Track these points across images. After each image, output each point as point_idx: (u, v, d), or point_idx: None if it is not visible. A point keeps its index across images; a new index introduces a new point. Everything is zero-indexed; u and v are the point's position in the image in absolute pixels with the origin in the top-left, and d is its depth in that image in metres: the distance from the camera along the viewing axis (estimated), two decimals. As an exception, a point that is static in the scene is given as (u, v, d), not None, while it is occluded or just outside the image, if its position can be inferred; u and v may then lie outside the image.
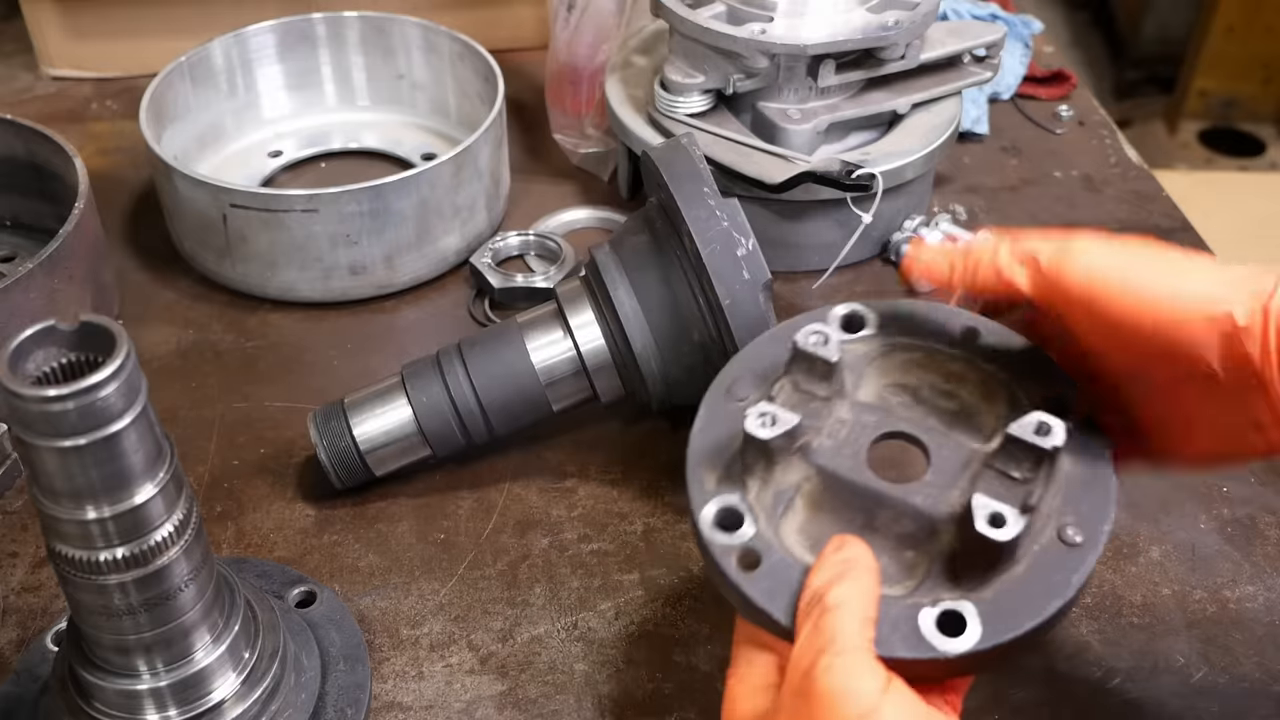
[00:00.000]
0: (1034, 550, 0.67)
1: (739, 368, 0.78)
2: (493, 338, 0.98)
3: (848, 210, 1.14)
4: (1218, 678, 0.87)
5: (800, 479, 0.72)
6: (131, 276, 1.23)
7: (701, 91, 1.17)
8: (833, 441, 0.72)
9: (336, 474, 0.98)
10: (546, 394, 0.97)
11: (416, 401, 0.96)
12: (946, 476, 0.71)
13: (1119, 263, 0.67)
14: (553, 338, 0.97)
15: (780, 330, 0.80)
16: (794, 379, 0.74)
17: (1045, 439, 0.67)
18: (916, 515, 0.70)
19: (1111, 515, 0.69)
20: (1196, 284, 0.65)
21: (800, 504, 0.72)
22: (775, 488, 0.72)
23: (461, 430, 0.97)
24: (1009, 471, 0.69)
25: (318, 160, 1.40)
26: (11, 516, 0.99)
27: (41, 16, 1.50)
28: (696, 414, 0.76)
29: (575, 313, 0.97)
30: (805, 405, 0.73)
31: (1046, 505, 0.69)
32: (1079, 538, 0.68)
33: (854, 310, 0.78)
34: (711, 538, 0.69)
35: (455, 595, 0.93)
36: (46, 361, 0.63)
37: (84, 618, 0.71)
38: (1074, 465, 0.70)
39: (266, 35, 1.35)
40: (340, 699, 0.83)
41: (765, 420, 0.69)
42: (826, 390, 0.73)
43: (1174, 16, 3.43)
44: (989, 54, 1.24)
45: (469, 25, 1.37)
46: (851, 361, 0.76)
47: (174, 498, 0.67)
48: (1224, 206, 2.49)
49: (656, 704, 0.86)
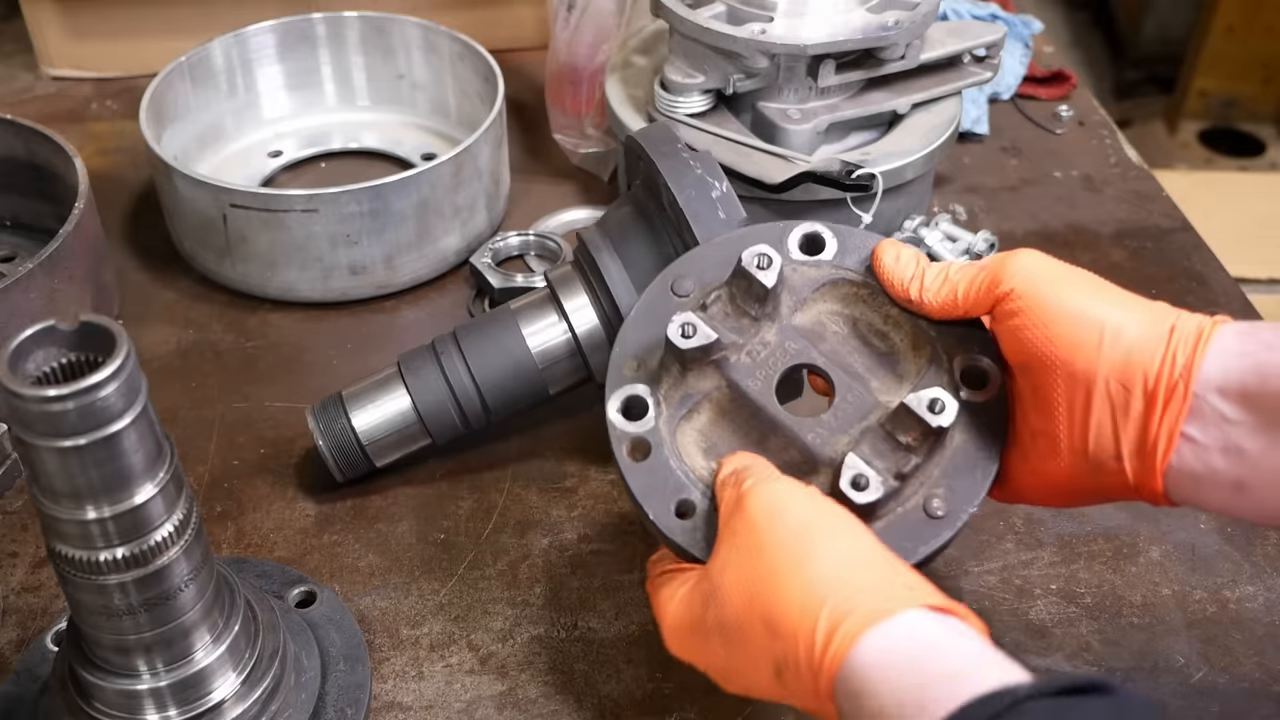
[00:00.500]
0: (897, 511, 0.72)
1: (688, 265, 0.81)
2: (488, 325, 0.99)
3: (848, 210, 1.14)
4: (1218, 678, 0.87)
5: (711, 387, 0.77)
6: (131, 276, 1.23)
7: (701, 91, 1.17)
8: (750, 361, 0.77)
9: (338, 466, 0.98)
10: (543, 377, 0.98)
11: (415, 390, 0.97)
12: (843, 422, 0.75)
13: (1046, 276, 0.72)
14: (547, 321, 0.98)
15: (737, 237, 0.82)
16: (731, 291, 0.77)
17: (936, 416, 0.71)
18: (803, 449, 0.75)
19: (980, 499, 0.73)
20: (1109, 309, 0.70)
21: (707, 408, 0.77)
22: (685, 390, 0.77)
23: (460, 417, 0.98)
24: (896, 435, 0.72)
25: (318, 160, 1.40)
26: (11, 516, 0.99)
27: (41, 16, 1.50)
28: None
29: (568, 295, 0.98)
30: (735, 320, 0.77)
31: (924, 474, 0.73)
32: (941, 512, 0.72)
33: (815, 232, 0.80)
34: (613, 421, 0.76)
35: (455, 595, 0.93)
36: (46, 361, 0.63)
37: (84, 618, 0.71)
38: (965, 441, 0.74)
39: (266, 35, 1.35)
40: (340, 699, 0.83)
41: (686, 329, 0.74)
42: (758, 311, 0.77)
43: (1174, 16, 3.42)
44: (989, 54, 1.24)
45: (469, 25, 1.37)
46: (798, 284, 0.79)
47: (174, 498, 0.68)
48: (1224, 206, 2.48)
49: (656, 704, 0.86)
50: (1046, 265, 0.73)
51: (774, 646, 0.64)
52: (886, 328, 0.79)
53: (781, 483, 0.70)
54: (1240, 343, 0.68)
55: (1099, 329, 0.70)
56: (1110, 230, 1.30)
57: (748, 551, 0.67)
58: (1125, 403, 0.69)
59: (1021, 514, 0.99)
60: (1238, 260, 1.47)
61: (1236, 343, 0.68)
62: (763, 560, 0.66)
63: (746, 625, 0.66)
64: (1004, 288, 0.72)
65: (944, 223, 1.26)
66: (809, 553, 0.65)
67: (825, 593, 0.63)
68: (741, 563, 0.67)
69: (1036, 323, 0.71)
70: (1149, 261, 1.26)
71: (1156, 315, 0.70)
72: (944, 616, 0.62)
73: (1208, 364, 0.67)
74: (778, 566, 0.65)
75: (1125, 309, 0.71)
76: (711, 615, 0.68)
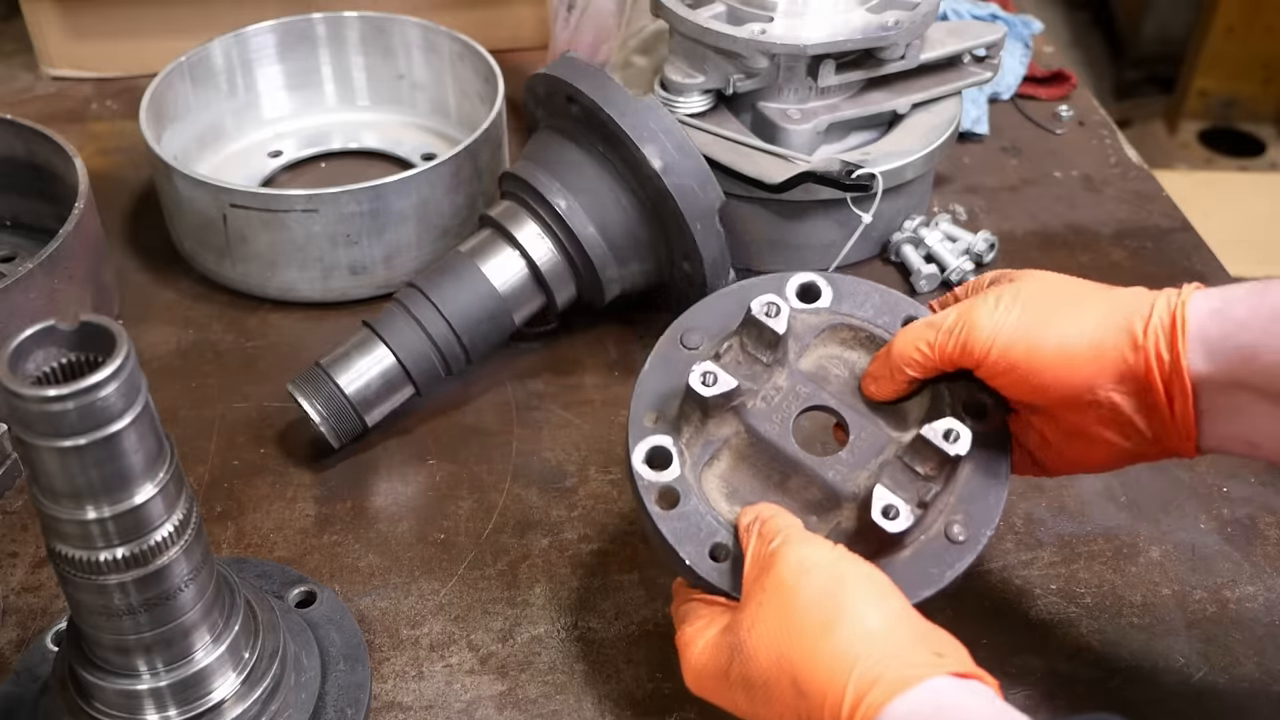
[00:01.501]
0: (921, 539, 0.75)
1: (694, 318, 0.84)
2: (447, 271, 1.06)
3: (848, 210, 1.14)
4: (1218, 678, 0.87)
5: (730, 433, 0.79)
6: (131, 276, 1.23)
7: (701, 91, 1.17)
8: (766, 405, 0.79)
9: (334, 432, 1.01)
10: (509, 309, 1.06)
11: (395, 343, 1.02)
12: (859, 457, 0.78)
13: (1013, 328, 0.74)
14: (504, 255, 1.05)
15: (738, 289, 0.85)
16: (742, 340, 0.80)
17: (952, 445, 0.74)
18: (825, 487, 0.77)
19: (995, 522, 0.76)
20: (1083, 328, 0.73)
21: (726, 454, 0.79)
22: (706, 437, 0.79)
23: (441, 362, 1.03)
24: (914, 466, 0.75)
25: (318, 160, 1.40)
26: (11, 516, 0.99)
27: (41, 16, 1.50)
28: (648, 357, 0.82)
29: (517, 228, 1.06)
30: (749, 367, 0.79)
31: (941, 502, 0.76)
32: (962, 537, 0.75)
33: (811, 282, 0.83)
34: (640, 472, 0.77)
35: (455, 595, 0.93)
36: (46, 361, 0.63)
37: (84, 618, 0.71)
38: (975, 470, 0.77)
39: (266, 35, 1.35)
40: (340, 699, 0.83)
41: (708, 379, 0.77)
42: (769, 357, 0.80)
43: (1174, 16, 3.42)
44: (989, 54, 1.24)
45: (469, 25, 1.37)
46: (800, 330, 0.82)
47: (174, 498, 0.67)
48: (1224, 206, 2.49)
49: (656, 704, 0.86)
50: (1007, 318, 0.74)
51: (800, 705, 0.66)
52: None
53: (809, 544, 0.71)
54: (1218, 324, 0.70)
55: (1084, 357, 0.72)
56: (1110, 230, 1.30)
57: (777, 610, 0.68)
58: (1135, 405, 0.73)
59: (1021, 514, 0.99)
60: (1238, 260, 1.47)
61: (1214, 326, 0.70)
62: (791, 621, 0.67)
63: (773, 682, 0.67)
64: (980, 353, 0.75)
65: (944, 223, 1.26)
66: (838, 616, 0.66)
67: (854, 658, 0.64)
68: (770, 621, 0.68)
69: (1024, 377, 0.74)
70: (1149, 261, 1.26)
71: (1129, 312, 0.73)
72: (968, 682, 0.64)
73: (1191, 352, 0.70)
74: (807, 628, 0.66)
75: (1097, 319, 0.73)
76: (737, 668, 0.69)
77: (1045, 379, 0.73)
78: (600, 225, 1.05)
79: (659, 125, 1.01)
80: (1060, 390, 0.73)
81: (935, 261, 1.22)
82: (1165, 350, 0.71)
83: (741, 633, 0.69)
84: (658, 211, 1.04)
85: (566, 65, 1.05)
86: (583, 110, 1.03)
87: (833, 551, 0.70)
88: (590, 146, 1.04)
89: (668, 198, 1.00)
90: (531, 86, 1.10)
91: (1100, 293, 0.75)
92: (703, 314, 0.84)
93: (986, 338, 0.74)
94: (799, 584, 0.68)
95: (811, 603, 0.67)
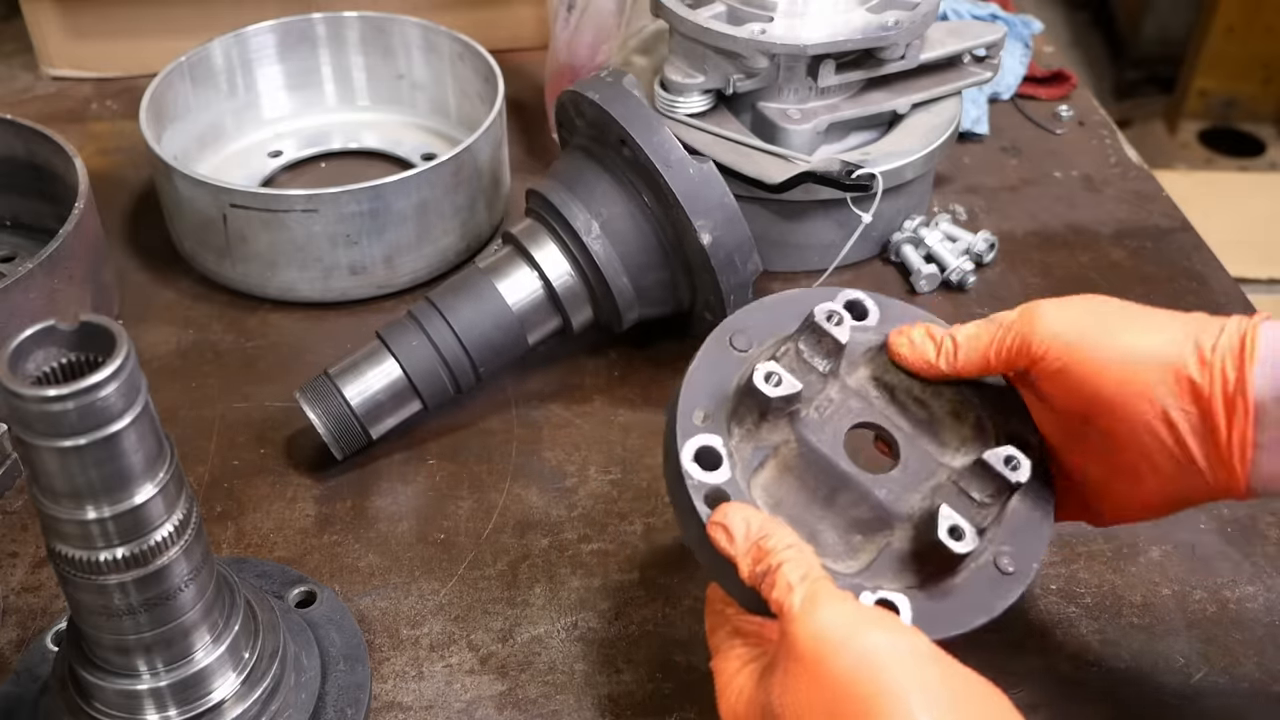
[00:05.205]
0: (972, 569, 0.73)
1: (744, 320, 0.81)
2: (462, 287, 1.04)
3: (848, 210, 1.14)
4: (1218, 678, 0.87)
5: (780, 441, 0.76)
6: (131, 276, 1.23)
7: (701, 91, 1.17)
8: (819, 416, 0.77)
9: (338, 443, 1.00)
10: (524, 328, 1.04)
11: (403, 357, 1.01)
12: (911, 479, 0.76)
13: (1078, 328, 0.73)
14: (520, 274, 1.04)
15: (788, 297, 0.83)
16: (799, 347, 0.77)
17: (1013, 472, 0.72)
18: (876, 506, 0.74)
19: (1042, 555, 0.75)
20: (1150, 339, 0.71)
21: (772, 464, 0.76)
22: (757, 442, 0.76)
23: (449, 377, 1.02)
24: (970, 492, 0.73)
25: (318, 160, 1.40)
26: (11, 516, 0.99)
27: (41, 16, 1.50)
28: (697, 352, 0.79)
29: (536, 247, 1.04)
30: (804, 375, 0.76)
31: (991, 532, 0.74)
32: (1011, 568, 0.73)
33: (860, 300, 0.81)
34: (689, 470, 0.72)
35: (455, 595, 0.93)
36: (46, 361, 0.63)
37: (84, 618, 0.71)
38: (1020, 504, 0.76)
39: (266, 35, 1.35)
40: (340, 699, 0.83)
41: (773, 379, 0.73)
42: (826, 367, 0.77)
43: (1174, 16, 3.43)
44: (989, 54, 1.24)
45: (469, 25, 1.37)
46: (849, 347, 0.79)
47: (174, 498, 0.67)
48: (1224, 206, 2.49)
49: (656, 704, 0.86)
50: (1073, 316, 0.73)
51: None
52: (925, 395, 0.79)
53: (834, 607, 0.65)
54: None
55: (1148, 365, 0.71)
56: (1110, 230, 1.30)
57: (807, 682, 0.64)
58: (1192, 424, 0.71)
59: (1021, 514, 0.99)
60: (1238, 260, 1.47)
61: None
62: (822, 694, 0.63)
63: None
64: (1038, 349, 0.73)
65: (944, 223, 1.26)
66: (873, 692, 0.62)
67: None
68: (800, 693, 0.64)
69: (1085, 375, 0.72)
70: (1149, 261, 1.26)
71: (1197, 331, 0.71)
72: None
73: (1258, 375, 0.68)
74: (839, 708, 0.62)
75: (1165, 333, 0.71)
76: None
77: (1103, 382, 0.71)
78: (625, 260, 1.02)
79: (714, 198, 0.98)
80: (1116, 398, 0.71)
81: (935, 261, 1.22)
82: (1231, 369, 0.68)
83: (773, 696, 0.66)
84: (689, 265, 1.02)
85: (621, 101, 1.00)
86: (633, 154, 1.00)
87: (858, 614, 0.65)
88: (627, 183, 1.02)
89: (707, 269, 0.99)
90: (574, 103, 1.06)
91: (1167, 311, 0.74)
92: (752, 317, 0.81)
93: (1049, 335, 0.73)
94: (829, 659, 0.63)
95: (843, 680, 0.62)
